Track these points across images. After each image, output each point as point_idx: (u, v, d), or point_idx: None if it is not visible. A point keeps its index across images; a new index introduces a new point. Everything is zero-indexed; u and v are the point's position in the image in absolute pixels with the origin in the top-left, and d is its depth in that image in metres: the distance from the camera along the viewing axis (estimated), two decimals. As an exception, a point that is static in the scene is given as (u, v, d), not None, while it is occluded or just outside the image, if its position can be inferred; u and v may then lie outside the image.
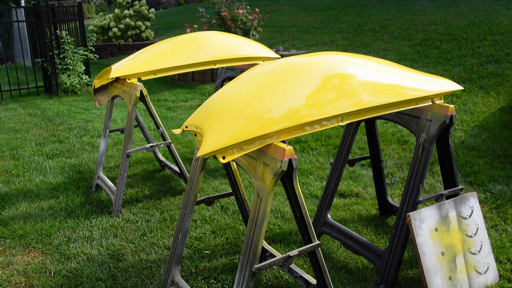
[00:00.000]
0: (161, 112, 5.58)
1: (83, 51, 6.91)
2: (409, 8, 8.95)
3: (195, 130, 1.76)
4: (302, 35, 8.59)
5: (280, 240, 2.58)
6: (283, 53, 6.85)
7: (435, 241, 2.03)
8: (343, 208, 2.95)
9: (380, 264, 2.19)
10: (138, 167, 3.78)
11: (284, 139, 1.59)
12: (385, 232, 2.65)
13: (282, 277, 2.25)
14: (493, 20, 6.61)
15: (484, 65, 5.24)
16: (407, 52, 6.31)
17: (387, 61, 2.03)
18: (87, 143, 4.39)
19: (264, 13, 8.93)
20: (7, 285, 2.23)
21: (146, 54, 2.95)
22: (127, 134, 2.92)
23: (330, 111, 1.63)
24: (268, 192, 1.58)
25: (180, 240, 1.99)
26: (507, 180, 3.14)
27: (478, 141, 3.78)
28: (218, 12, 7.25)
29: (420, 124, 2.15)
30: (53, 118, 5.35)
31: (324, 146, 4.07)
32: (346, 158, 2.50)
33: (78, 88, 6.86)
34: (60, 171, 3.68)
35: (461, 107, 4.48)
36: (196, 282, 2.23)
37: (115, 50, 10.04)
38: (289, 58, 1.90)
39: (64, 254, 2.47)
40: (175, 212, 2.93)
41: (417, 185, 2.13)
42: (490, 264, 2.16)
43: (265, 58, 3.08)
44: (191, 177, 1.96)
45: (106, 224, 2.79)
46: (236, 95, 1.75)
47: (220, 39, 3.11)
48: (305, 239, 1.79)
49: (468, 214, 2.16)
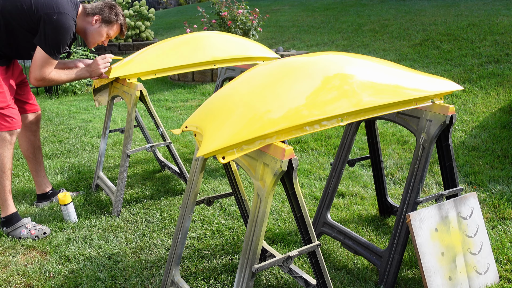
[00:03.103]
0: (161, 112, 5.57)
1: (82, 51, 6.91)
2: (409, 8, 8.95)
3: (195, 130, 1.76)
4: (302, 35, 8.59)
5: (280, 240, 2.58)
6: (283, 53, 6.85)
7: (435, 242, 2.03)
8: (343, 208, 2.94)
9: (380, 265, 2.19)
10: (138, 167, 3.78)
11: (284, 139, 1.59)
12: (385, 232, 2.64)
13: (282, 277, 2.24)
14: (493, 20, 6.61)
15: (484, 65, 5.24)
16: (407, 52, 6.30)
17: (387, 61, 2.03)
18: (87, 143, 4.39)
19: (264, 13, 8.93)
20: (6, 285, 2.23)
21: (146, 54, 2.95)
22: (127, 134, 2.92)
23: (330, 111, 1.62)
24: (268, 192, 1.58)
25: (180, 240, 1.99)
26: (507, 180, 3.14)
27: (478, 141, 3.78)
28: (218, 12, 7.25)
29: (420, 124, 2.15)
30: (52, 118, 5.35)
31: (324, 146, 4.07)
32: (346, 158, 2.50)
33: (78, 88, 6.86)
34: (60, 171, 3.68)
35: (461, 107, 4.48)
36: (196, 282, 2.22)
37: (115, 50, 10.04)
38: (289, 58, 1.90)
39: (63, 255, 2.47)
40: (175, 212, 2.93)
41: (417, 185, 2.13)
42: (490, 265, 2.16)
43: (265, 58, 3.08)
44: (191, 177, 1.95)
45: (106, 224, 2.79)
46: (236, 95, 1.75)
47: (220, 39, 3.11)
48: (305, 239, 1.79)
49: (468, 214, 2.15)
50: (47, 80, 2.60)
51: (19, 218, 2.68)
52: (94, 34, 2.72)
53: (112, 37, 2.82)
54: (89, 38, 2.74)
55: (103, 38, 2.76)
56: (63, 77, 2.67)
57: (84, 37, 2.75)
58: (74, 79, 2.75)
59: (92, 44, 2.77)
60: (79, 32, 2.71)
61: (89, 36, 2.73)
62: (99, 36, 2.74)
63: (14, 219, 2.66)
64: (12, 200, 2.70)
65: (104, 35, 2.75)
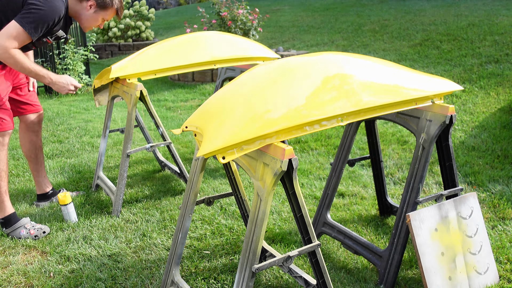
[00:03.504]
0: (161, 112, 5.58)
1: (83, 51, 6.91)
2: (409, 8, 8.96)
3: (195, 130, 1.76)
4: (302, 35, 8.59)
5: (280, 240, 2.58)
6: (283, 53, 6.85)
7: (435, 241, 2.03)
8: (343, 208, 2.95)
9: (380, 264, 2.19)
10: (138, 167, 3.78)
11: (284, 139, 1.59)
12: (385, 232, 2.64)
13: (282, 277, 2.25)
14: (493, 20, 6.61)
15: (484, 65, 5.24)
16: (407, 52, 6.31)
17: (387, 61, 2.03)
18: (87, 143, 4.39)
19: (264, 13, 8.93)
20: (7, 285, 2.23)
21: (146, 54, 2.95)
22: (127, 134, 2.92)
23: (330, 111, 1.63)
24: (268, 192, 1.58)
25: (180, 240, 1.99)
26: (507, 180, 3.14)
27: (478, 141, 3.78)
28: (218, 12, 7.25)
29: (420, 124, 2.15)
30: (53, 118, 5.35)
31: (324, 146, 4.07)
32: (346, 158, 2.50)
33: (79, 88, 6.86)
34: (60, 171, 3.68)
35: (461, 107, 4.48)
36: (196, 282, 2.23)
37: (115, 50, 10.05)
38: (289, 58, 1.90)
39: (63, 254, 2.47)
40: (175, 212, 2.93)
41: (417, 185, 2.13)
42: (490, 265, 2.16)
43: (265, 58, 3.08)
44: (191, 177, 1.96)
45: (106, 224, 2.79)
46: (236, 95, 1.75)
47: (220, 39, 3.11)
48: (305, 239, 1.79)
49: (468, 214, 2.15)
50: (7, 54, 2.33)
51: (17, 219, 2.67)
52: (90, 19, 2.65)
53: (108, 20, 2.74)
54: (84, 23, 2.67)
55: (98, 23, 2.69)
56: (26, 62, 2.41)
57: (79, 21, 2.67)
58: (34, 73, 2.50)
59: (88, 28, 2.71)
60: (74, 16, 2.64)
61: (84, 21, 2.66)
62: (94, 21, 2.67)
63: (12, 220, 2.66)
64: (10, 201, 2.69)
65: (99, 20, 2.68)
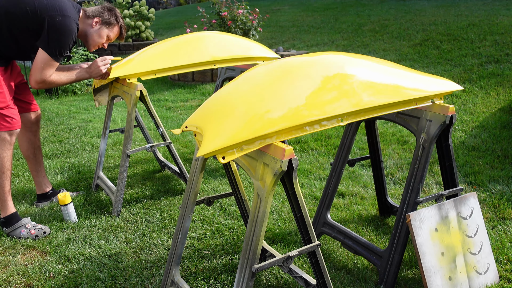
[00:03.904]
0: (161, 112, 5.58)
1: (83, 51, 6.91)
2: (409, 8, 8.96)
3: (195, 130, 1.76)
4: (302, 35, 8.59)
5: (280, 240, 2.58)
6: (283, 53, 6.85)
7: (435, 242, 2.03)
8: (343, 208, 2.94)
9: (380, 264, 2.19)
10: (138, 167, 3.78)
11: (284, 139, 1.59)
12: (385, 232, 2.64)
13: (282, 277, 2.24)
14: (493, 20, 6.61)
15: (484, 65, 5.24)
16: (407, 52, 6.31)
17: (387, 61, 2.03)
18: (87, 143, 4.39)
19: (264, 13, 8.93)
20: (7, 285, 2.23)
21: (146, 54, 2.95)
22: (127, 134, 2.92)
23: (330, 111, 1.62)
24: (268, 192, 1.58)
25: (180, 240, 1.99)
26: (507, 180, 3.14)
27: (478, 141, 3.78)
28: (218, 12, 7.25)
29: (420, 124, 2.15)
30: (52, 118, 5.35)
31: (324, 146, 4.07)
32: (346, 158, 2.50)
33: (78, 88, 6.86)
34: (60, 171, 3.68)
35: (461, 107, 4.48)
36: (196, 282, 2.22)
37: (115, 50, 10.04)
38: (289, 58, 1.90)
39: (63, 254, 2.47)
40: (175, 212, 2.93)
41: (417, 185, 2.13)
42: (490, 265, 2.16)
43: (265, 58, 3.08)
44: (191, 177, 1.96)
45: (106, 224, 2.79)
46: (236, 95, 1.75)
47: (220, 39, 3.11)
48: (305, 239, 1.79)
49: (468, 214, 2.15)
50: (48, 83, 2.61)
51: (18, 218, 2.68)
52: (95, 36, 2.76)
53: (112, 40, 2.85)
54: (90, 40, 2.78)
55: (103, 40, 2.80)
56: (63, 79, 2.69)
57: (85, 40, 2.79)
58: (75, 81, 2.77)
59: (93, 46, 2.81)
60: (80, 35, 2.75)
61: (89, 38, 2.77)
62: (99, 38, 2.78)
63: (13, 219, 2.66)
64: (12, 200, 2.70)
65: (104, 37, 2.79)
